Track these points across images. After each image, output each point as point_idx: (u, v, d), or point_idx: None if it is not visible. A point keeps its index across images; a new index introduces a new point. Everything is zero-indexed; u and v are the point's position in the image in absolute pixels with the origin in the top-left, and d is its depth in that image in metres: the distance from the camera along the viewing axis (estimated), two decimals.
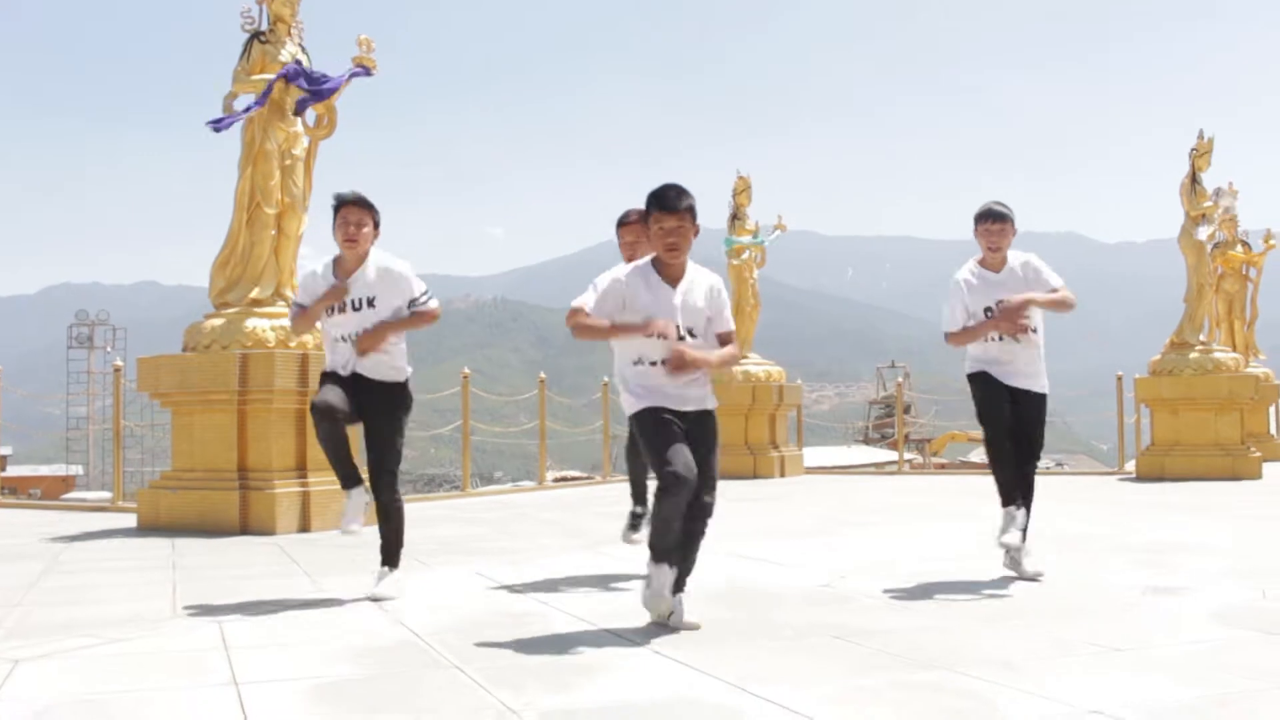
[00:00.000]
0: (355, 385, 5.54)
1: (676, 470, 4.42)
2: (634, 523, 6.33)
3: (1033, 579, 5.93)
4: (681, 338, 4.59)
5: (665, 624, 4.63)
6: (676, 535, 4.57)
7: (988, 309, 6.00)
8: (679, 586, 4.68)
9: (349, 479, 5.64)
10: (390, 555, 5.65)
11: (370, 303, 5.56)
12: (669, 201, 4.59)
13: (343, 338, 5.57)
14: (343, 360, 5.57)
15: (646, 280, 4.64)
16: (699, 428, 4.65)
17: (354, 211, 5.59)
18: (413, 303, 5.68)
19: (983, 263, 6.12)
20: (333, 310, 5.57)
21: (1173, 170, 15.41)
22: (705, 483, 4.57)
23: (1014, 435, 6.05)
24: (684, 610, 4.64)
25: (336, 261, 5.64)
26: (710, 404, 4.76)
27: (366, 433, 5.63)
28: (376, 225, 5.67)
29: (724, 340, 4.76)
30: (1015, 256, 6.10)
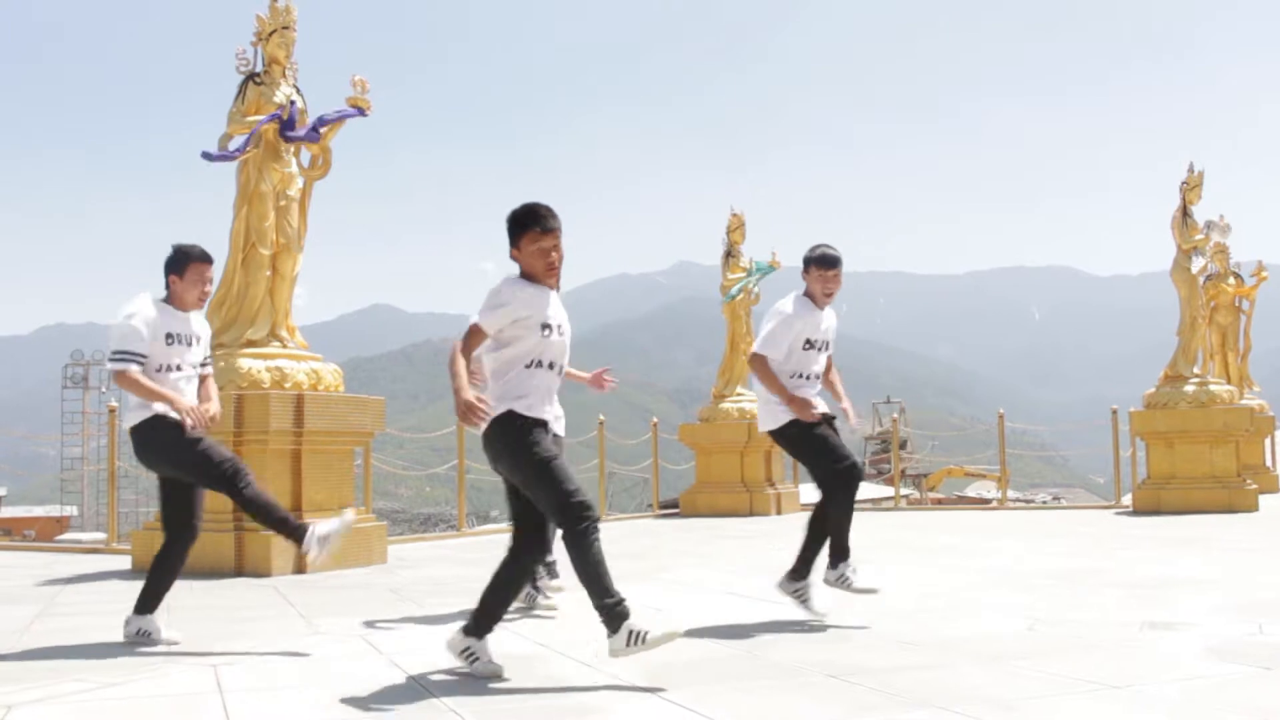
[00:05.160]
0: None
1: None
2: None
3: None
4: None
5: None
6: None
7: (809, 341, 6.00)
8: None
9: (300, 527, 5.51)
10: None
11: (197, 340, 5.65)
12: (549, 217, 4.57)
13: (176, 366, 5.51)
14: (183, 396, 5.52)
15: None
16: None
17: (210, 269, 5.65)
18: (206, 361, 5.77)
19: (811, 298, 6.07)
20: (173, 340, 5.52)
21: (1166, 203, 15.51)
22: None
23: None
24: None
25: (170, 301, 5.60)
26: None
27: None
28: None
29: None
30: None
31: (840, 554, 6.05)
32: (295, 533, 5.41)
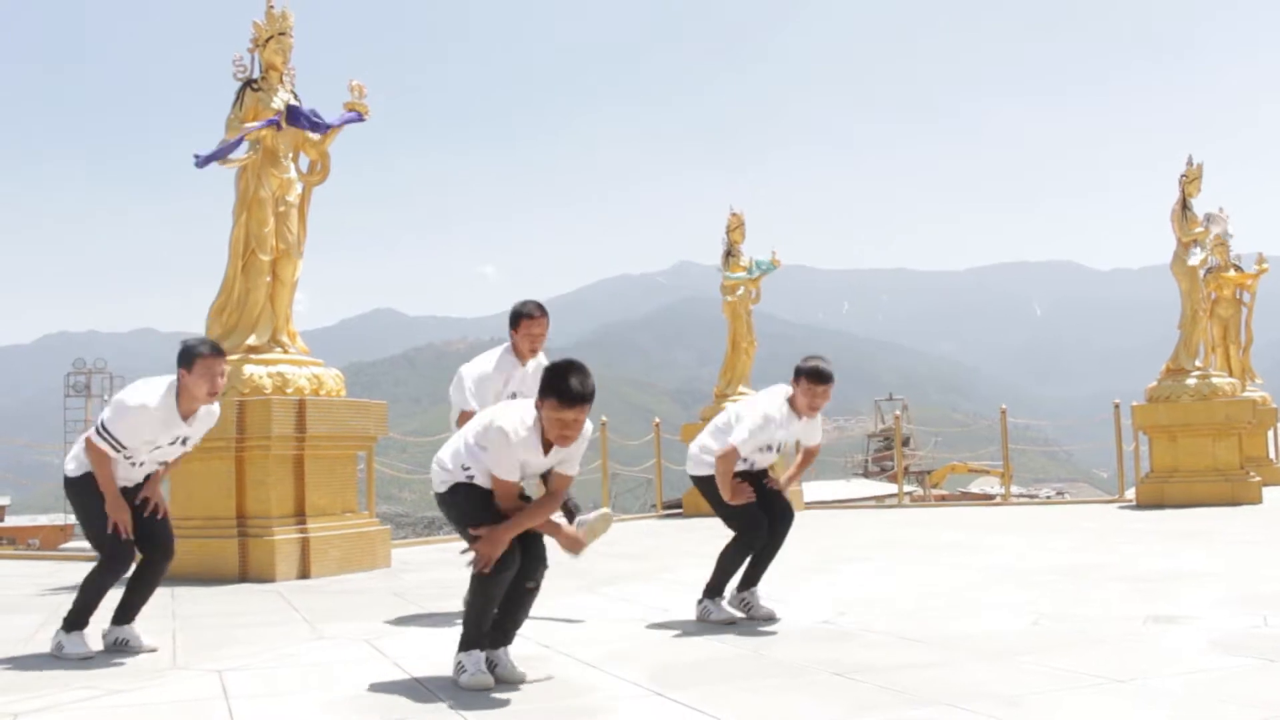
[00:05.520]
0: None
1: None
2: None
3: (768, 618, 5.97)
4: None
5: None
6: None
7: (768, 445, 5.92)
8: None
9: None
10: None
11: (184, 442, 5.60)
12: (574, 395, 4.26)
13: (140, 463, 5.49)
14: (132, 483, 5.53)
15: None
16: None
17: (220, 363, 5.51)
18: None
19: (793, 405, 5.92)
20: (154, 448, 5.48)
21: (1166, 197, 15.50)
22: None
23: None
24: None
25: (179, 396, 5.45)
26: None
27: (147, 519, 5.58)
28: None
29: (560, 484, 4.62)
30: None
31: (714, 591, 6.05)
32: (70, 619, 5.45)
